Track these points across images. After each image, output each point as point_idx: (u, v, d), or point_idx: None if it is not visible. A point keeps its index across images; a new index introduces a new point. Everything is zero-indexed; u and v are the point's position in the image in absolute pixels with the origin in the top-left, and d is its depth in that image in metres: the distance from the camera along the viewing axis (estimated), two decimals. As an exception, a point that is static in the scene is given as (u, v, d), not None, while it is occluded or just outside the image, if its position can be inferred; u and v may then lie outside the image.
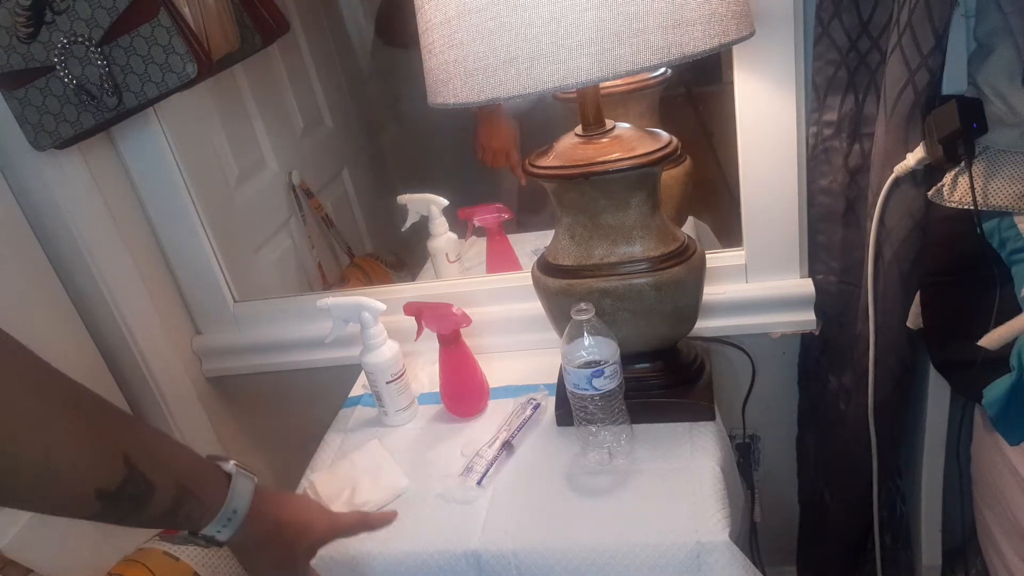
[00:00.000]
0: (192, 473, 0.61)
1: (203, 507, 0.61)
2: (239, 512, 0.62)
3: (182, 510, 0.59)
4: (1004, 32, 0.78)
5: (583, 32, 0.66)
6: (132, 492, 0.54)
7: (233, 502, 0.62)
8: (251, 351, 1.25)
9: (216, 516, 0.61)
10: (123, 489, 0.54)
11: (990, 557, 0.90)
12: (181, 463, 0.60)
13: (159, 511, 0.57)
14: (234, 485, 0.63)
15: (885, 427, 1.01)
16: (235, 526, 0.62)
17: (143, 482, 0.55)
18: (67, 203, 1.04)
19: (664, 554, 0.76)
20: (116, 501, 0.54)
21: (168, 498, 0.57)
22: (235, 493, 0.62)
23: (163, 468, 0.57)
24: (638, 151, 0.80)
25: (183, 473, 0.59)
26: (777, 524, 1.29)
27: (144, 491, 0.55)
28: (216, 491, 0.62)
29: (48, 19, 0.89)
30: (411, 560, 0.81)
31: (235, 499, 0.62)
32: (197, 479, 0.61)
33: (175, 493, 0.58)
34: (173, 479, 0.58)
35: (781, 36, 0.90)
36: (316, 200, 1.54)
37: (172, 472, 0.58)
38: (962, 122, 0.79)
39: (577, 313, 0.80)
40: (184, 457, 0.61)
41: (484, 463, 0.88)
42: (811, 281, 1.04)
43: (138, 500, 0.55)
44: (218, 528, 0.62)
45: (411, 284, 1.26)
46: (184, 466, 0.60)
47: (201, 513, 0.61)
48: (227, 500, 0.62)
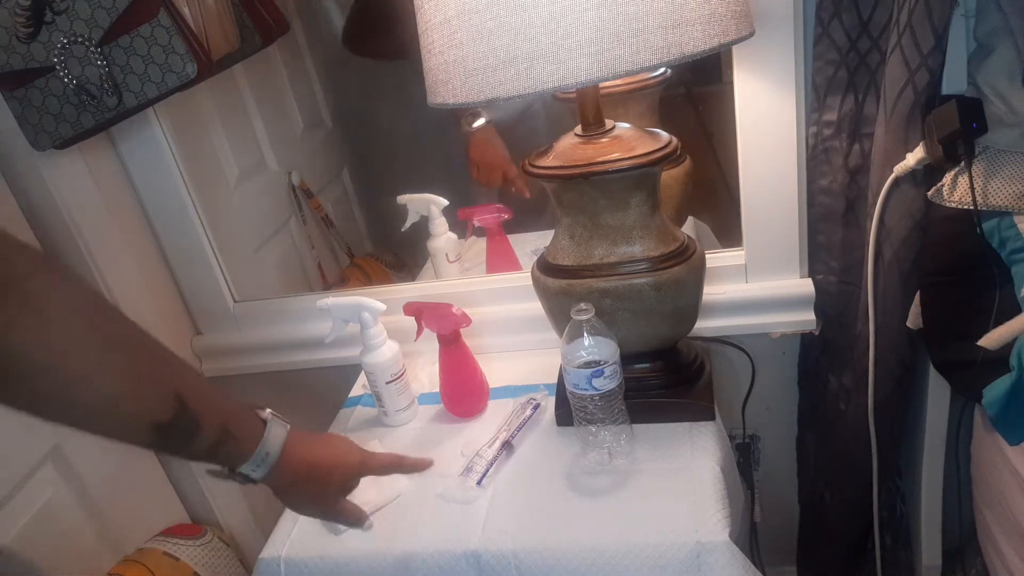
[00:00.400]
0: (233, 417, 0.68)
1: (240, 448, 0.68)
2: (271, 455, 0.70)
3: (223, 448, 0.66)
4: (1004, 32, 0.78)
5: (583, 32, 0.66)
6: (182, 428, 0.62)
7: (266, 446, 0.69)
8: (251, 351, 1.25)
9: (251, 457, 0.69)
10: (174, 424, 0.61)
11: (990, 557, 0.90)
12: (224, 407, 0.67)
13: (203, 447, 0.65)
14: (268, 430, 0.70)
15: (885, 427, 1.01)
16: (267, 467, 0.70)
17: (192, 420, 0.62)
18: (67, 203, 1.04)
19: (664, 554, 0.76)
20: (168, 434, 0.61)
21: (212, 437, 0.65)
22: (268, 438, 0.70)
23: (209, 410, 0.64)
24: (638, 151, 0.80)
25: (226, 416, 0.67)
26: (777, 524, 1.29)
27: (192, 428, 0.63)
28: (252, 435, 0.69)
29: (48, 19, 0.89)
30: (411, 560, 0.81)
31: (268, 443, 0.70)
32: (237, 423, 0.68)
33: (218, 433, 0.65)
34: (218, 421, 0.65)
35: (781, 36, 0.90)
36: (316, 200, 1.54)
37: (217, 414, 0.65)
38: (962, 122, 0.79)
39: (577, 313, 0.80)
40: (227, 403, 0.68)
41: (484, 463, 0.88)
42: (811, 281, 1.04)
43: (186, 435, 0.63)
44: (252, 467, 0.69)
45: (411, 284, 1.26)
46: (227, 410, 0.67)
47: (239, 453, 0.68)
48: (260, 443, 0.69)
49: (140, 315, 1.15)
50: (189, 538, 1.17)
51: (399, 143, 1.53)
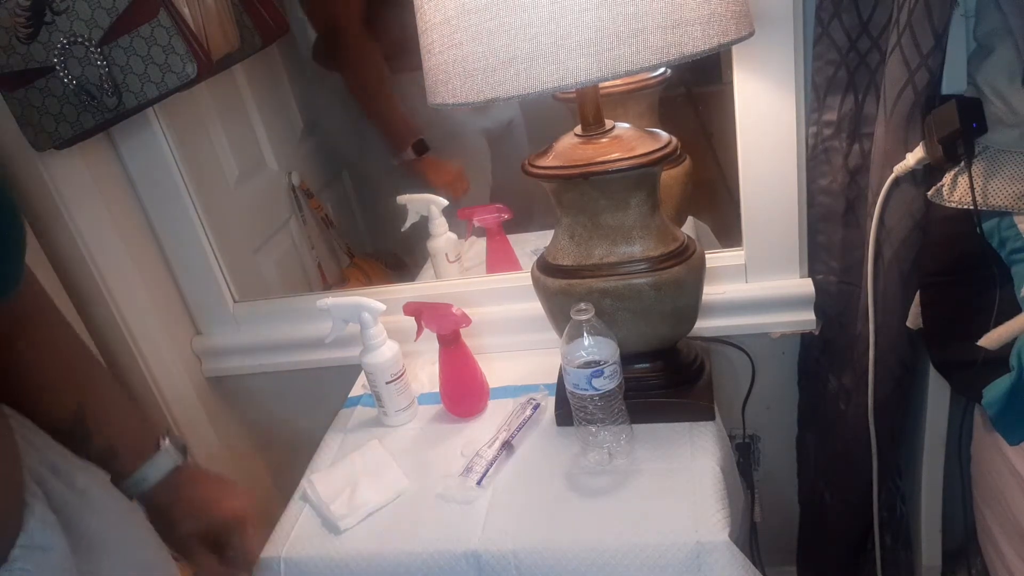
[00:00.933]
0: (126, 437, 0.76)
1: (124, 466, 0.75)
2: (147, 481, 0.76)
3: (109, 461, 0.73)
4: (1004, 32, 0.78)
5: (582, 32, 0.66)
6: (77, 434, 0.70)
7: (144, 472, 0.76)
8: (251, 351, 1.25)
9: (129, 477, 0.75)
10: (69, 430, 0.69)
11: (990, 557, 0.90)
12: (122, 426, 0.76)
13: (94, 456, 0.71)
14: (154, 459, 0.77)
15: (885, 427, 1.01)
16: (140, 491, 0.76)
17: (83, 429, 0.71)
18: (67, 203, 1.04)
19: (664, 554, 0.76)
20: (62, 435, 0.68)
21: (100, 447, 0.72)
22: (151, 466, 0.76)
23: (105, 425, 0.73)
24: (638, 151, 0.80)
25: (119, 435, 0.75)
26: (777, 524, 1.29)
27: (84, 436, 0.71)
28: (139, 458, 0.76)
29: (48, 19, 0.89)
30: (411, 560, 0.81)
31: (147, 470, 0.76)
32: (127, 444, 0.75)
33: (107, 450, 0.73)
34: (108, 435, 0.73)
35: (781, 36, 0.90)
36: (316, 200, 1.54)
37: (110, 430, 0.74)
38: (962, 122, 0.79)
39: (577, 313, 0.80)
40: (128, 422, 0.77)
41: (484, 463, 0.88)
42: (811, 281, 1.04)
43: (79, 442, 0.70)
44: (128, 486, 0.75)
45: (411, 284, 1.26)
46: (123, 430, 0.76)
47: (121, 470, 0.75)
48: (139, 469, 0.76)
49: (140, 315, 1.15)
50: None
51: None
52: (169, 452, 0.78)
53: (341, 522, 0.85)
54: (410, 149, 1.37)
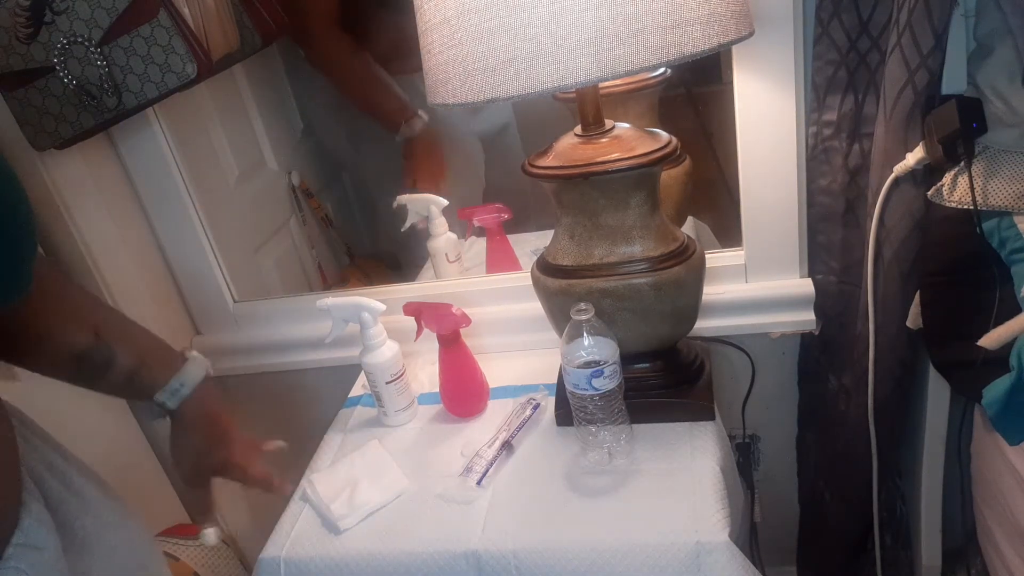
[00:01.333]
0: (152, 351, 0.76)
1: (155, 377, 0.75)
2: (185, 387, 0.76)
3: (138, 377, 0.74)
4: (1004, 32, 0.78)
5: (582, 32, 0.66)
6: (98, 357, 0.71)
7: (182, 377, 0.76)
8: (251, 351, 1.25)
9: (165, 386, 0.75)
10: (91, 354, 0.70)
11: (990, 557, 0.90)
12: (142, 341, 0.76)
13: (121, 375, 0.73)
14: (187, 366, 0.77)
15: (885, 427, 1.01)
16: (180, 398, 0.76)
17: (107, 349, 0.71)
18: (67, 203, 1.04)
19: (664, 554, 0.76)
20: (86, 362, 0.70)
21: (127, 366, 0.73)
22: (185, 372, 0.76)
23: (125, 341, 0.73)
24: (638, 151, 0.80)
25: (143, 348, 0.75)
26: (777, 524, 1.29)
27: (108, 356, 0.71)
28: (170, 368, 0.76)
29: (48, 19, 0.89)
30: (411, 560, 0.81)
31: (184, 376, 0.76)
32: (155, 354, 0.76)
33: (134, 361, 0.73)
34: (133, 351, 0.74)
35: (781, 36, 0.90)
36: (316, 200, 1.54)
37: (133, 345, 0.74)
38: (962, 122, 0.79)
39: (577, 313, 0.80)
40: (145, 337, 0.77)
41: (484, 463, 0.88)
42: (811, 281, 1.04)
43: (104, 364, 0.71)
44: (167, 396, 0.75)
45: (411, 284, 1.26)
46: (144, 343, 0.76)
47: (153, 381, 0.75)
48: (176, 375, 0.76)
49: (140, 315, 1.14)
50: (189, 538, 1.17)
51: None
52: (198, 360, 0.78)
53: (341, 522, 0.85)
54: (405, 127, 1.36)
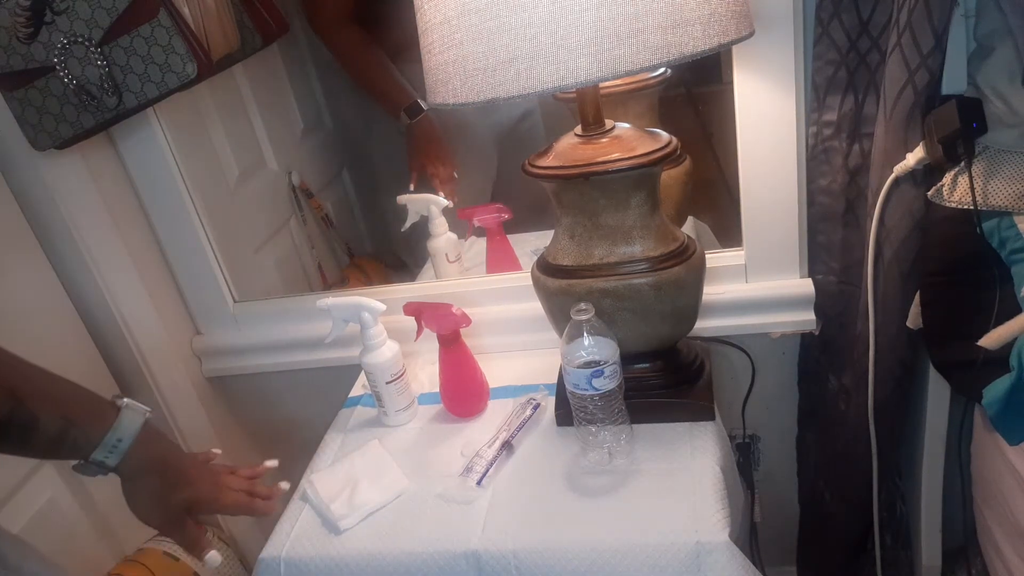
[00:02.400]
0: (78, 406, 0.69)
1: (88, 436, 0.68)
2: (124, 441, 0.69)
3: (68, 438, 0.67)
4: (1004, 32, 0.78)
5: (582, 32, 0.66)
6: (18, 422, 0.64)
7: (118, 431, 0.69)
8: (251, 351, 1.25)
9: (100, 443, 0.68)
10: (10, 419, 0.63)
11: (990, 557, 0.90)
12: (67, 397, 0.69)
13: (46, 439, 0.66)
14: (121, 417, 0.70)
15: (885, 427, 1.01)
16: (120, 453, 0.69)
17: (27, 413, 0.64)
18: (67, 203, 1.04)
19: (664, 554, 0.76)
20: (6, 430, 0.63)
21: (54, 428, 0.66)
22: (121, 424, 0.70)
23: (48, 401, 0.66)
24: (638, 151, 0.80)
25: (69, 406, 0.68)
26: (777, 524, 1.29)
27: (30, 420, 0.64)
28: (102, 422, 0.69)
29: (48, 19, 0.89)
30: (411, 560, 0.81)
31: (120, 429, 0.69)
32: (83, 411, 0.69)
33: (60, 424, 0.66)
34: (58, 411, 0.66)
35: (781, 36, 0.90)
36: (316, 200, 1.54)
37: (57, 405, 0.67)
38: (962, 122, 0.79)
39: (577, 313, 0.80)
40: (71, 393, 0.70)
41: (484, 463, 0.88)
42: (811, 281, 1.04)
43: (25, 429, 0.64)
44: (105, 454, 0.69)
45: (411, 284, 1.26)
46: (70, 400, 0.69)
47: (87, 440, 0.68)
48: (111, 429, 0.69)
49: (140, 315, 1.15)
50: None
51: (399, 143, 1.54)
52: (132, 407, 0.71)
53: (341, 522, 0.85)
54: (403, 114, 1.37)
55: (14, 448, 0.66)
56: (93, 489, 1.07)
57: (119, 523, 1.10)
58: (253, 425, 1.36)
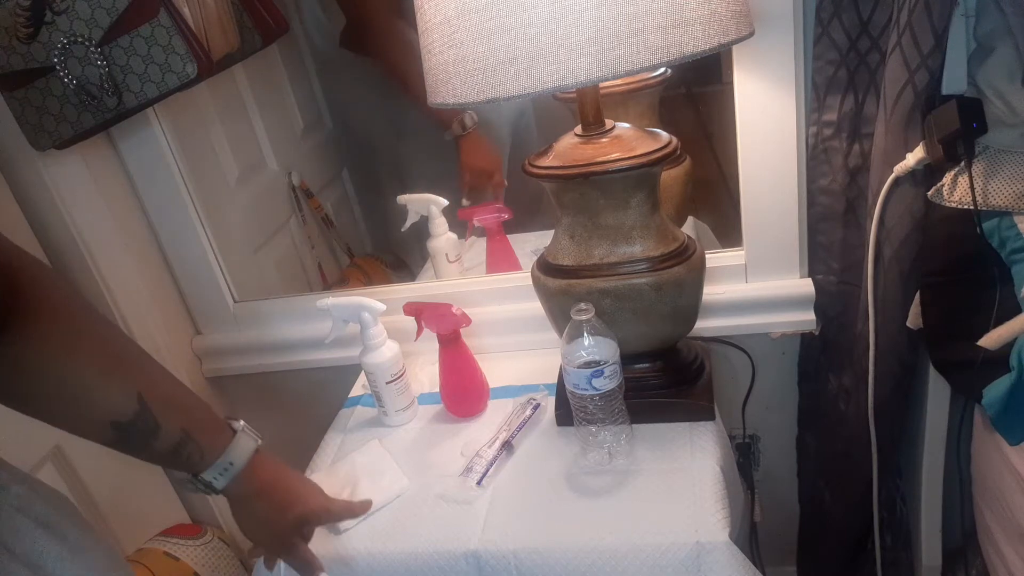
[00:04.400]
0: (199, 422, 0.69)
1: (203, 453, 0.69)
2: (235, 465, 0.70)
3: (184, 451, 0.67)
4: (1004, 32, 0.78)
5: (583, 32, 0.66)
6: (141, 427, 0.63)
7: (231, 455, 0.70)
8: (251, 351, 1.25)
9: (213, 464, 0.69)
10: (134, 423, 0.63)
11: (990, 557, 0.90)
12: (190, 411, 0.68)
13: (164, 448, 0.66)
14: (236, 440, 0.71)
15: (885, 427, 1.01)
16: (230, 476, 0.70)
17: (151, 420, 0.64)
18: (67, 203, 1.04)
19: (664, 554, 0.76)
20: (127, 432, 0.63)
21: (173, 438, 0.66)
22: (235, 448, 0.70)
23: (172, 411, 0.66)
24: (638, 151, 0.80)
25: (190, 420, 0.68)
26: (777, 524, 1.29)
27: (152, 428, 0.64)
28: (218, 442, 0.70)
29: (48, 19, 0.89)
30: (411, 560, 0.81)
31: (233, 453, 0.70)
32: (202, 428, 0.69)
33: (180, 436, 0.66)
34: (180, 423, 0.66)
35: (781, 36, 0.90)
36: (316, 200, 1.54)
37: (180, 417, 0.67)
38: (962, 122, 0.79)
39: (577, 313, 0.80)
40: (195, 407, 0.69)
41: (484, 463, 0.88)
42: (811, 281, 1.04)
43: (146, 435, 0.64)
44: (215, 475, 0.70)
45: (411, 284, 1.26)
46: (193, 414, 0.69)
47: (201, 458, 0.69)
48: (225, 452, 0.70)
49: (140, 315, 1.15)
50: (189, 538, 1.17)
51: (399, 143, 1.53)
52: (247, 432, 0.73)
53: (341, 522, 0.85)
54: (457, 124, 1.36)
55: (132, 450, 0.66)
56: (93, 489, 1.07)
57: (119, 523, 1.10)
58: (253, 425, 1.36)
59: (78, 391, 0.61)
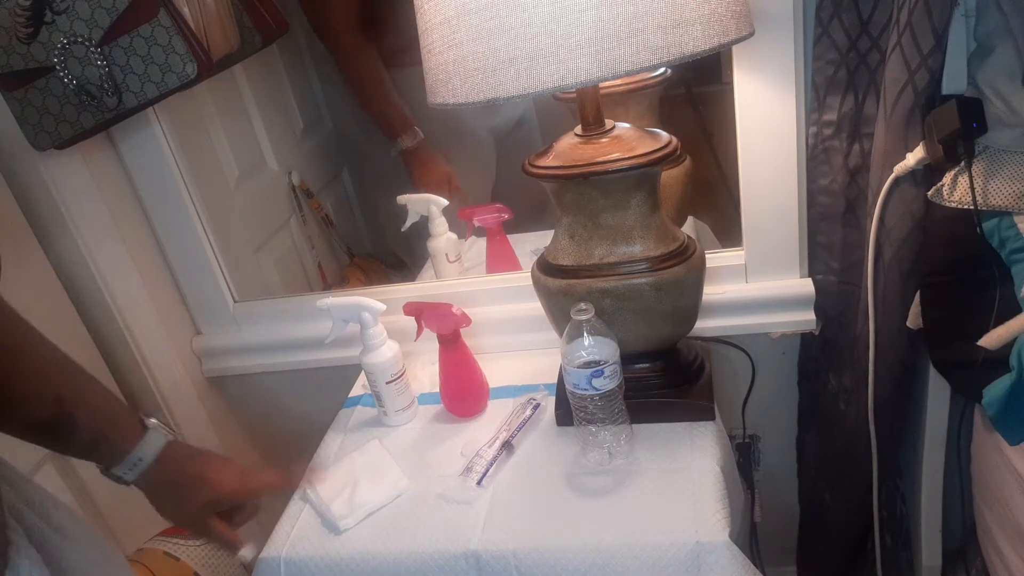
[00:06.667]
0: (113, 421, 0.75)
1: (115, 451, 0.75)
2: (144, 460, 0.75)
3: (98, 448, 0.74)
4: (1004, 32, 0.78)
5: (582, 32, 0.66)
6: (58, 429, 0.70)
7: (140, 451, 0.75)
8: (251, 351, 1.25)
9: (123, 461, 0.75)
10: (50, 424, 0.69)
11: (990, 557, 0.90)
12: (106, 412, 0.75)
13: (79, 446, 0.73)
14: (145, 439, 0.76)
15: (885, 427, 1.01)
16: (138, 472, 0.76)
17: (69, 422, 0.70)
18: (67, 203, 1.04)
19: (664, 554, 0.76)
20: (44, 432, 0.70)
21: (87, 437, 0.72)
22: (144, 445, 0.75)
23: (89, 413, 0.72)
24: (638, 151, 0.80)
25: (105, 420, 0.74)
26: (777, 524, 1.29)
27: (68, 428, 0.70)
28: (130, 440, 0.75)
29: (48, 19, 0.89)
30: (411, 560, 0.81)
31: (143, 450, 0.75)
32: (116, 427, 0.75)
33: (93, 435, 0.73)
34: (96, 424, 0.72)
35: (781, 36, 0.90)
36: (316, 200, 1.54)
37: (96, 418, 0.73)
38: (962, 122, 0.79)
39: (577, 313, 0.80)
40: (108, 406, 0.76)
41: (484, 463, 0.88)
42: (811, 281, 1.04)
43: (63, 435, 0.71)
44: (125, 470, 0.75)
45: (411, 284, 1.26)
46: (106, 414, 0.74)
47: (111, 456, 0.75)
48: (136, 448, 0.75)
49: (140, 315, 1.15)
50: (189, 538, 1.17)
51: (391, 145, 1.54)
52: (158, 429, 0.77)
53: (341, 522, 0.85)
54: (399, 140, 1.37)
55: (49, 445, 0.73)
56: (93, 489, 1.06)
57: (119, 523, 1.10)
58: (253, 425, 1.36)
59: (4, 392, 0.65)
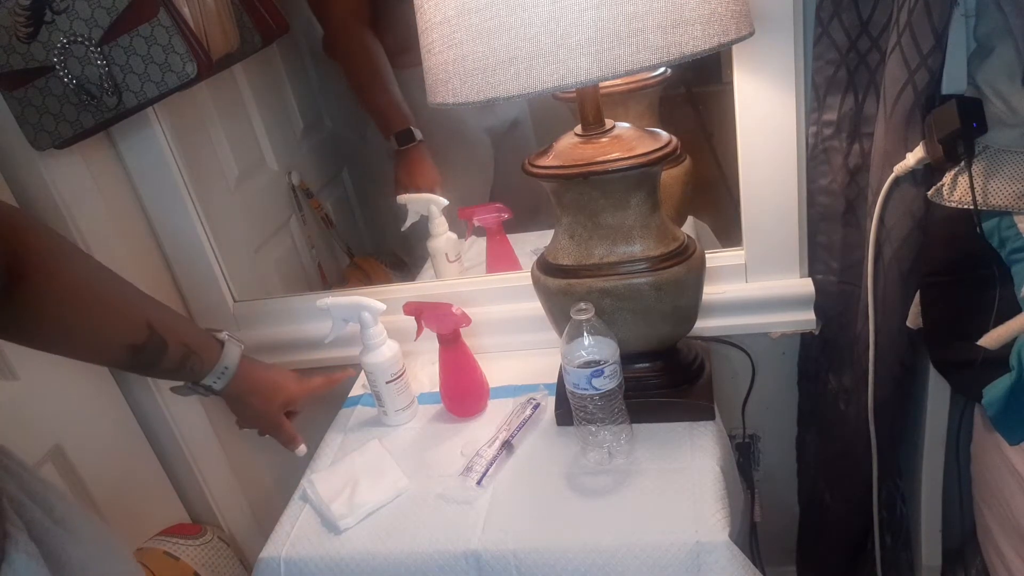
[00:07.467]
0: (196, 338, 0.85)
1: (203, 363, 0.85)
2: (230, 368, 0.87)
3: (188, 363, 0.84)
4: (1004, 32, 0.78)
5: (582, 32, 0.66)
6: (152, 348, 0.79)
7: (225, 360, 0.87)
8: (251, 351, 1.22)
9: (212, 370, 0.86)
10: (146, 345, 0.78)
11: (990, 557, 0.90)
12: (188, 330, 0.85)
13: (171, 364, 0.82)
14: (226, 348, 0.88)
15: (885, 427, 1.01)
16: (227, 379, 0.87)
17: (160, 342, 0.80)
18: (67, 203, 1.04)
19: (664, 554, 0.76)
20: (140, 354, 0.79)
21: (178, 354, 0.82)
22: (227, 354, 0.87)
23: (174, 332, 0.81)
24: (637, 151, 0.80)
25: (189, 337, 0.84)
26: (777, 524, 1.29)
27: (160, 348, 0.80)
28: (213, 352, 0.86)
29: (48, 19, 0.89)
30: (411, 560, 0.81)
31: (227, 358, 0.87)
32: (199, 342, 0.85)
33: (183, 351, 0.82)
34: (182, 341, 0.82)
35: (781, 36, 0.90)
36: (316, 200, 1.54)
37: (181, 336, 0.82)
38: (962, 122, 0.79)
39: (577, 313, 0.80)
40: (190, 327, 0.87)
41: (484, 463, 0.88)
42: (811, 281, 1.04)
43: (156, 354, 0.80)
44: (214, 379, 0.87)
45: (411, 284, 1.26)
46: (190, 333, 0.85)
47: (201, 367, 0.85)
48: (220, 358, 0.87)
49: (140, 315, 1.15)
50: (189, 538, 1.17)
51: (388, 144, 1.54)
52: (232, 340, 0.88)
53: (341, 522, 0.85)
54: (392, 138, 1.36)
55: (146, 368, 0.82)
56: (93, 489, 1.06)
57: (119, 523, 1.10)
58: (253, 425, 1.36)
59: (96, 326, 0.75)
